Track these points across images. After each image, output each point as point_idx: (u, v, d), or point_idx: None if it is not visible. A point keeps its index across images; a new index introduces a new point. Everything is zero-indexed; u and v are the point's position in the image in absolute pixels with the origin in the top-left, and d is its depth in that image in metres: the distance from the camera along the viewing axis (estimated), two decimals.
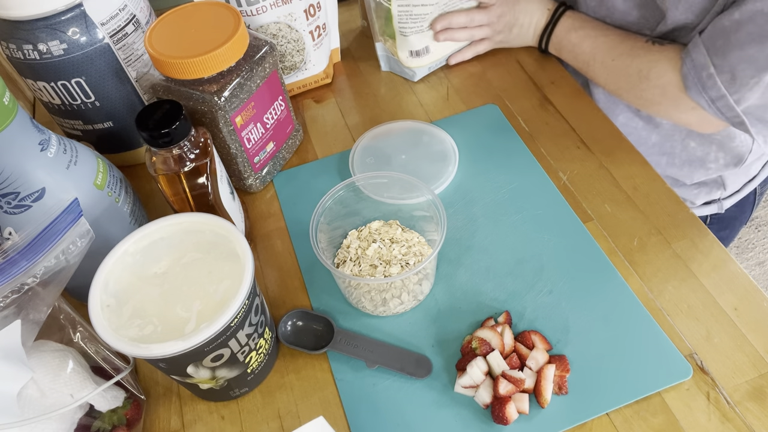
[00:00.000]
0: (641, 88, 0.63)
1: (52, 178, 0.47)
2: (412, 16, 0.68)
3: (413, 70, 0.74)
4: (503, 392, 0.46)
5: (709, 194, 0.78)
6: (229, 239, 0.46)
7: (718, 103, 0.57)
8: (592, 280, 0.54)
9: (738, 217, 0.83)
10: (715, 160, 0.72)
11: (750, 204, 0.82)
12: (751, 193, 0.81)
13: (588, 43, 0.67)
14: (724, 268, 0.54)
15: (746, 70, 0.54)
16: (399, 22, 0.69)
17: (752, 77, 0.54)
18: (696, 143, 0.71)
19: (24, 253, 0.42)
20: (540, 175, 0.63)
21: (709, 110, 0.59)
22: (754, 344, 0.49)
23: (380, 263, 0.54)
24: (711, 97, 0.57)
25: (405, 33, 0.70)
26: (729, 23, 0.54)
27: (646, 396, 0.47)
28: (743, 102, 0.57)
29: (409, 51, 0.72)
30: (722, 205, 0.79)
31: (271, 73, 0.60)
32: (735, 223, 0.84)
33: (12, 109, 0.44)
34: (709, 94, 0.57)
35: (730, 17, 0.54)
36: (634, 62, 0.63)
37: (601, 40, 0.66)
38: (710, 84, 0.57)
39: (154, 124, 0.48)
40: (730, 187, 0.78)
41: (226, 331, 0.42)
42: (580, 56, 0.68)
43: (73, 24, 0.55)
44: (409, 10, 0.67)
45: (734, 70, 0.55)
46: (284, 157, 0.68)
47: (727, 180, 0.76)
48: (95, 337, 0.48)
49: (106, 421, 0.47)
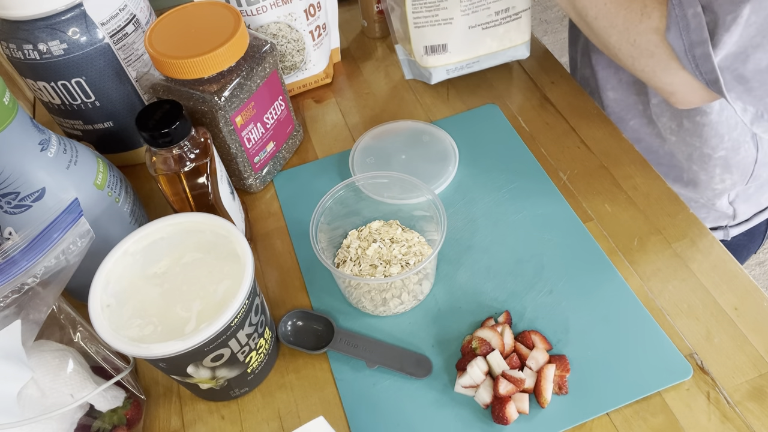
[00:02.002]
0: (636, 31, 0.56)
1: (52, 178, 0.47)
2: (426, 4, 0.64)
3: (429, 70, 0.70)
4: (503, 392, 0.46)
5: (717, 221, 0.76)
6: (229, 239, 0.46)
7: (695, 50, 0.52)
8: (592, 280, 0.54)
9: (747, 245, 0.80)
10: (720, 181, 0.71)
11: (761, 234, 0.80)
12: (762, 223, 0.78)
13: None
14: (724, 268, 0.54)
15: (725, 5, 0.48)
16: (413, 12, 0.65)
17: (729, 12, 0.48)
18: (698, 167, 0.69)
19: (24, 253, 0.42)
20: (540, 175, 0.63)
21: (684, 59, 0.53)
22: (754, 344, 0.49)
23: (380, 263, 0.54)
24: (691, 41, 0.51)
25: (419, 24, 0.66)
26: None
27: (646, 396, 0.47)
28: (721, 48, 0.51)
29: (424, 47, 0.68)
30: (728, 232, 0.77)
31: (271, 73, 0.60)
32: (743, 251, 0.82)
33: (12, 109, 0.44)
34: (690, 38, 0.51)
35: None
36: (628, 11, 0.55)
37: None
38: (694, 24, 0.51)
39: (154, 124, 0.48)
40: (740, 216, 0.76)
41: (226, 331, 0.42)
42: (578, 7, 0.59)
43: (73, 24, 0.55)
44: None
45: (715, 8, 0.49)
46: (284, 157, 0.68)
47: (738, 209, 0.75)
48: (95, 337, 0.48)
49: (106, 421, 0.47)
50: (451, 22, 0.66)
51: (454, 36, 0.67)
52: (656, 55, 0.55)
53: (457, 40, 0.68)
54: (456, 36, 0.68)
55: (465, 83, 0.74)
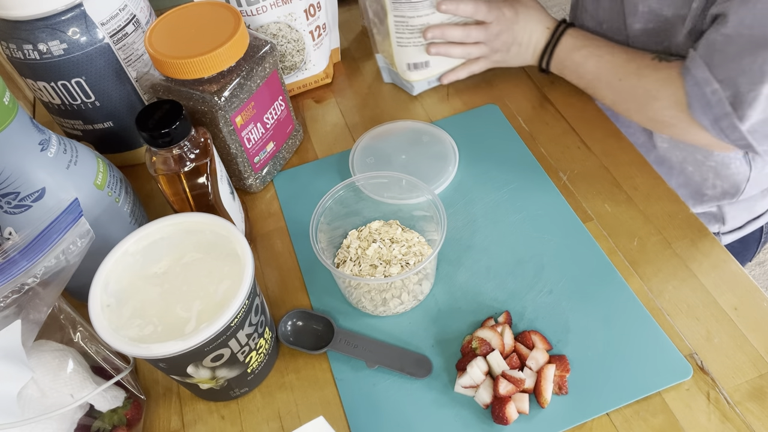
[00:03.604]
0: (652, 109, 0.60)
1: (53, 178, 0.47)
2: (408, 27, 0.67)
3: (411, 83, 0.72)
4: (503, 392, 0.46)
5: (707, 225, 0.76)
6: (229, 239, 0.46)
7: (721, 123, 0.54)
8: (592, 280, 0.54)
9: (741, 253, 0.80)
10: (712, 187, 0.70)
11: (755, 242, 0.79)
12: (757, 231, 0.78)
13: (592, 62, 0.64)
14: (724, 268, 0.54)
15: (744, 84, 0.51)
16: (396, 33, 0.68)
17: (750, 91, 0.51)
18: (693, 168, 0.69)
19: (24, 253, 0.42)
20: (540, 175, 0.63)
21: (713, 131, 0.55)
22: (754, 344, 0.49)
23: (380, 263, 0.54)
24: (715, 116, 0.54)
25: (402, 44, 0.68)
26: (720, 37, 0.52)
27: (646, 396, 0.47)
28: (746, 120, 0.53)
29: (407, 63, 0.70)
30: (720, 239, 0.76)
31: (271, 73, 0.60)
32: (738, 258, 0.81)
33: (12, 109, 0.44)
34: (713, 112, 0.54)
35: (721, 31, 0.52)
36: (642, 82, 0.60)
37: (606, 59, 0.63)
38: (715, 100, 0.53)
39: (154, 124, 0.48)
40: (730, 222, 0.75)
41: (226, 331, 0.42)
42: (585, 76, 0.65)
43: (73, 24, 0.55)
44: (405, 21, 0.66)
45: (736, 84, 0.52)
46: (284, 157, 0.68)
47: (727, 215, 0.74)
48: (95, 337, 0.48)
49: (106, 421, 0.47)
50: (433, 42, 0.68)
51: None
52: (677, 125, 0.59)
53: (438, 57, 0.70)
54: None
55: (465, 83, 0.74)
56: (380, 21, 0.69)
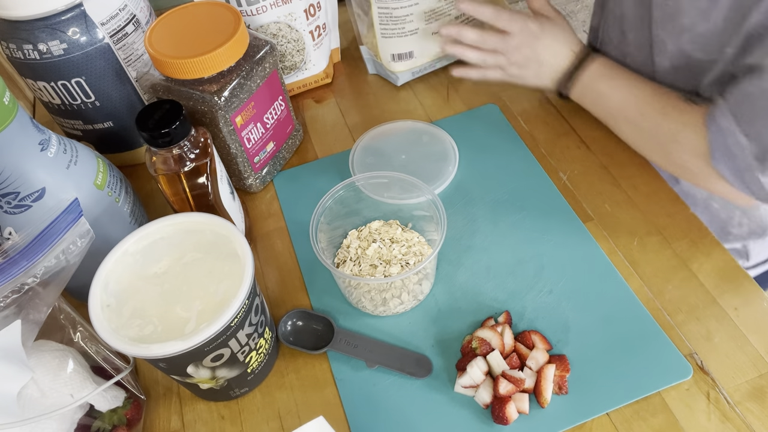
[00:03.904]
0: (672, 152, 0.56)
1: (52, 178, 0.47)
2: (392, 18, 0.67)
3: (396, 74, 0.73)
4: (503, 392, 0.46)
5: None
6: (229, 239, 0.46)
7: (745, 176, 0.51)
8: (592, 280, 0.54)
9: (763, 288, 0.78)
10: (738, 225, 0.67)
11: None
12: None
13: (618, 95, 0.60)
14: (724, 268, 0.54)
15: (766, 138, 0.48)
16: (380, 24, 0.68)
17: None
18: (719, 205, 0.66)
19: (24, 253, 0.42)
20: (540, 175, 0.63)
21: (735, 182, 0.52)
22: (754, 344, 0.49)
23: (380, 263, 0.54)
24: (737, 168, 0.51)
25: (386, 35, 0.69)
26: (755, 90, 0.48)
27: (646, 396, 0.47)
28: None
29: (392, 54, 0.71)
30: None
31: (271, 73, 0.60)
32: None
33: (12, 109, 0.44)
34: (735, 164, 0.51)
35: (756, 84, 0.48)
36: (665, 122, 0.56)
37: (634, 92, 0.58)
38: (737, 152, 0.50)
39: (154, 124, 0.48)
40: (754, 258, 0.72)
41: (226, 331, 0.42)
42: (606, 108, 0.61)
43: (73, 24, 0.55)
44: (389, 12, 0.66)
45: (763, 139, 0.48)
46: (284, 157, 0.68)
47: (752, 251, 0.71)
48: (95, 337, 0.48)
49: (106, 421, 0.47)
50: (417, 32, 0.69)
51: (419, 44, 0.71)
52: (697, 174, 0.55)
53: (422, 47, 0.71)
54: (421, 43, 0.71)
55: (465, 83, 0.74)
56: (364, 12, 0.70)
